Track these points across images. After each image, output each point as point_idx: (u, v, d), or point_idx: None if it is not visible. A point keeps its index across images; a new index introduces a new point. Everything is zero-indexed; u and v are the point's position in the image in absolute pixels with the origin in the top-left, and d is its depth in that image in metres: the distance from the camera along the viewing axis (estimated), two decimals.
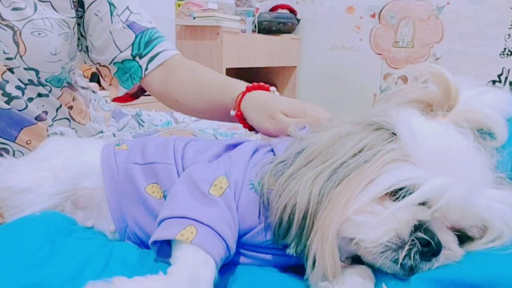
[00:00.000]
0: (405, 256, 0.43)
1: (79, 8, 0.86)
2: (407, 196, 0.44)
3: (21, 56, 0.76)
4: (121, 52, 0.88)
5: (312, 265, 0.45)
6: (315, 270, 0.45)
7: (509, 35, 2.48)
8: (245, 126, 0.78)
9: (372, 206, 0.44)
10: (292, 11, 2.94)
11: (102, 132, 0.97)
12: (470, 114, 0.48)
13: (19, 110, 0.79)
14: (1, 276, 0.45)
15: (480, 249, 0.45)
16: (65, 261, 0.49)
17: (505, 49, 2.51)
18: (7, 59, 0.75)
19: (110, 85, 0.95)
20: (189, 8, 2.35)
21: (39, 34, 0.77)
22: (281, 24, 2.79)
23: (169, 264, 0.45)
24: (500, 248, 0.44)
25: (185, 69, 0.89)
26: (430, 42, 2.70)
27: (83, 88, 0.97)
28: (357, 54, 2.92)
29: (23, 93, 0.79)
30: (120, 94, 0.94)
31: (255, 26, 2.59)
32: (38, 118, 0.82)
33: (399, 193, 0.44)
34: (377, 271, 0.47)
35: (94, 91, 1.05)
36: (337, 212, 0.44)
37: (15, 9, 0.75)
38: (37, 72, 0.80)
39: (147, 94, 0.96)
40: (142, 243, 0.58)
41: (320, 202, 0.45)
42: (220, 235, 0.46)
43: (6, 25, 0.74)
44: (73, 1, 0.83)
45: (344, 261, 0.48)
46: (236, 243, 0.49)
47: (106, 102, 1.10)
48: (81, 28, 0.89)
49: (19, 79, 0.78)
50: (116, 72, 0.92)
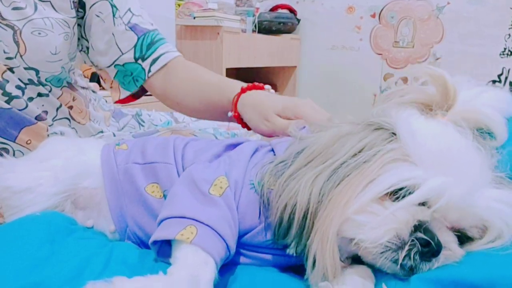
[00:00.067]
0: (405, 256, 0.43)
1: (80, 9, 0.86)
2: (407, 196, 0.44)
3: (21, 56, 0.76)
4: (123, 54, 0.88)
5: (312, 265, 0.45)
6: (315, 270, 0.45)
7: (509, 35, 2.48)
8: (244, 126, 0.78)
9: (372, 206, 0.44)
10: (292, 11, 2.94)
11: (102, 132, 0.97)
12: (469, 113, 0.48)
13: (19, 110, 0.79)
14: (1, 276, 0.45)
15: (480, 249, 0.45)
16: (65, 261, 0.49)
17: (505, 49, 2.51)
18: (7, 58, 0.75)
19: (111, 87, 0.95)
20: (189, 8, 2.35)
21: (39, 33, 0.77)
22: (281, 24, 2.79)
23: (169, 264, 0.45)
24: (500, 248, 0.44)
25: (186, 70, 0.89)
26: (430, 42, 2.70)
27: (83, 88, 0.97)
28: (357, 54, 2.92)
29: (23, 92, 0.79)
30: (122, 96, 0.94)
31: (255, 26, 2.59)
32: (38, 118, 0.82)
33: (399, 193, 0.44)
34: (377, 271, 0.47)
35: (94, 91, 1.06)
36: (337, 212, 0.44)
37: (15, 8, 0.75)
38: (37, 71, 0.80)
39: (148, 94, 0.96)
40: (142, 243, 0.58)
41: (320, 202, 0.45)
42: (220, 235, 0.46)
43: (6, 25, 0.74)
44: (73, 1, 0.83)
45: (344, 261, 0.48)
46: (236, 243, 0.49)
47: (106, 102, 1.10)
48: (82, 29, 0.89)
49: (19, 79, 0.78)
50: (115, 75, 0.91)
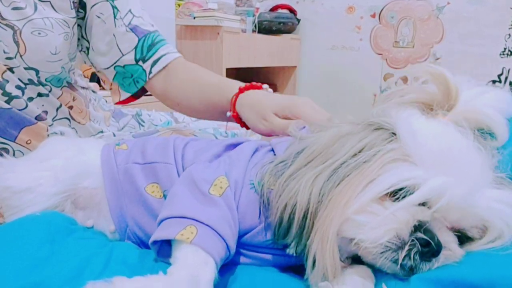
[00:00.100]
0: (405, 256, 0.43)
1: (80, 9, 0.86)
2: (407, 196, 0.44)
3: (21, 56, 0.76)
4: (124, 55, 0.88)
5: (312, 265, 0.45)
6: (315, 270, 0.45)
7: (509, 35, 2.48)
8: (243, 126, 0.79)
9: (372, 206, 0.44)
10: (292, 11, 2.94)
11: (102, 132, 0.97)
12: (470, 113, 0.48)
13: (19, 110, 0.79)
14: (1, 276, 0.45)
15: (480, 249, 0.45)
16: (65, 261, 0.49)
17: (505, 49, 2.51)
18: (7, 58, 0.75)
19: (110, 89, 0.95)
20: (189, 8, 2.35)
21: (39, 33, 0.77)
22: (281, 24, 2.79)
23: (169, 264, 0.45)
24: (500, 248, 0.44)
25: (186, 71, 0.90)
26: (430, 42, 2.70)
27: (83, 88, 0.97)
28: (357, 54, 2.92)
29: (23, 92, 0.79)
30: (122, 98, 0.94)
31: (255, 26, 2.59)
32: (38, 118, 0.82)
33: (399, 193, 0.44)
34: (377, 271, 0.47)
35: (94, 91, 1.06)
36: (337, 212, 0.44)
37: (15, 8, 0.75)
38: (37, 71, 0.80)
39: (148, 94, 0.96)
40: (142, 243, 0.58)
41: (320, 202, 0.45)
42: (220, 235, 0.46)
43: (6, 25, 0.74)
44: (73, 1, 0.83)
45: (344, 261, 0.48)
46: (236, 243, 0.49)
47: (106, 102, 1.10)
48: (83, 29, 0.89)
49: (19, 79, 0.78)
50: (114, 76, 0.91)
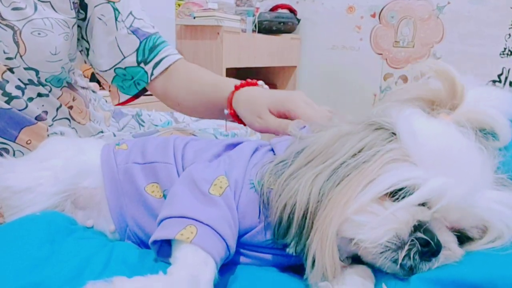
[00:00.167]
0: (405, 256, 0.43)
1: (81, 10, 0.86)
2: (406, 196, 0.44)
3: (21, 56, 0.76)
4: (125, 57, 0.89)
5: (311, 264, 0.45)
6: (315, 270, 0.45)
7: (509, 35, 2.48)
8: (240, 123, 0.79)
9: (372, 206, 0.44)
10: (292, 11, 2.94)
11: (102, 132, 0.97)
12: (474, 114, 0.48)
13: (19, 110, 0.79)
14: (1, 276, 0.45)
15: (480, 249, 0.45)
16: (65, 261, 0.49)
17: (505, 49, 2.50)
18: (7, 59, 0.75)
19: (109, 91, 0.95)
20: (189, 7, 2.35)
21: (39, 34, 0.77)
22: (281, 24, 2.78)
23: (169, 264, 0.45)
24: (500, 248, 0.44)
25: (187, 72, 0.90)
26: (431, 42, 2.70)
27: (83, 88, 0.97)
28: (358, 54, 2.92)
29: (23, 93, 0.79)
30: (122, 100, 0.94)
31: (255, 26, 2.59)
32: (38, 118, 0.82)
33: (398, 194, 0.44)
34: (377, 271, 0.47)
35: (94, 91, 1.06)
36: (337, 211, 0.44)
37: (15, 8, 0.75)
38: (37, 72, 0.80)
39: (147, 93, 0.96)
40: (142, 243, 0.58)
41: (320, 201, 0.45)
42: (220, 234, 0.46)
43: (6, 25, 0.74)
44: (73, 2, 0.83)
45: (344, 261, 0.48)
46: (236, 243, 0.49)
47: (106, 102, 1.10)
48: (82, 31, 0.89)
49: (19, 79, 0.78)
50: (113, 79, 0.91)
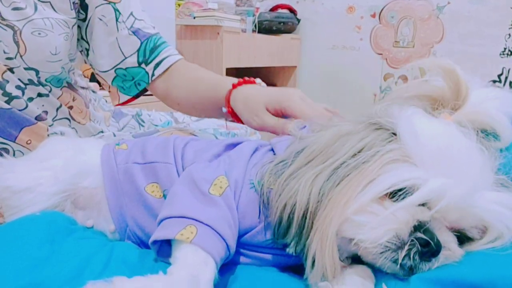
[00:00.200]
0: (405, 256, 0.43)
1: (81, 11, 0.86)
2: (406, 197, 0.44)
3: (21, 56, 0.76)
4: (126, 58, 0.89)
5: (311, 264, 0.45)
6: (315, 270, 0.45)
7: (509, 35, 2.48)
8: (238, 121, 0.79)
9: (372, 206, 0.44)
10: (292, 11, 2.94)
11: (102, 132, 0.97)
12: (476, 115, 0.48)
13: (19, 110, 0.79)
14: (1, 276, 0.45)
15: (480, 249, 0.45)
16: (65, 261, 0.49)
17: (505, 49, 2.50)
18: (7, 59, 0.75)
19: (109, 92, 0.95)
20: (189, 7, 2.35)
21: (39, 34, 0.77)
22: (281, 24, 2.78)
23: (169, 264, 0.45)
24: (500, 248, 0.44)
25: (187, 72, 0.91)
26: (431, 42, 2.70)
27: (83, 88, 0.97)
28: (358, 54, 2.92)
29: (23, 93, 0.79)
30: (122, 100, 0.94)
31: (255, 26, 2.59)
32: (38, 118, 0.82)
33: (398, 194, 0.44)
34: (377, 271, 0.47)
35: (94, 91, 1.06)
36: (336, 211, 0.44)
37: (15, 8, 0.75)
38: (37, 72, 0.80)
39: (147, 94, 0.96)
40: (142, 243, 0.58)
41: (320, 201, 0.45)
42: (220, 234, 0.46)
43: (6, 25, 0.74)
44: (73, 2, 0.83)
45: (344, 261, 0.48)
46: (236, 243, 0.49)
47: (106, 102, 1.10)
48: (82, 31, 0.89)
49: (19, 79, 0.78)
50: (113, 80, 0.91)
